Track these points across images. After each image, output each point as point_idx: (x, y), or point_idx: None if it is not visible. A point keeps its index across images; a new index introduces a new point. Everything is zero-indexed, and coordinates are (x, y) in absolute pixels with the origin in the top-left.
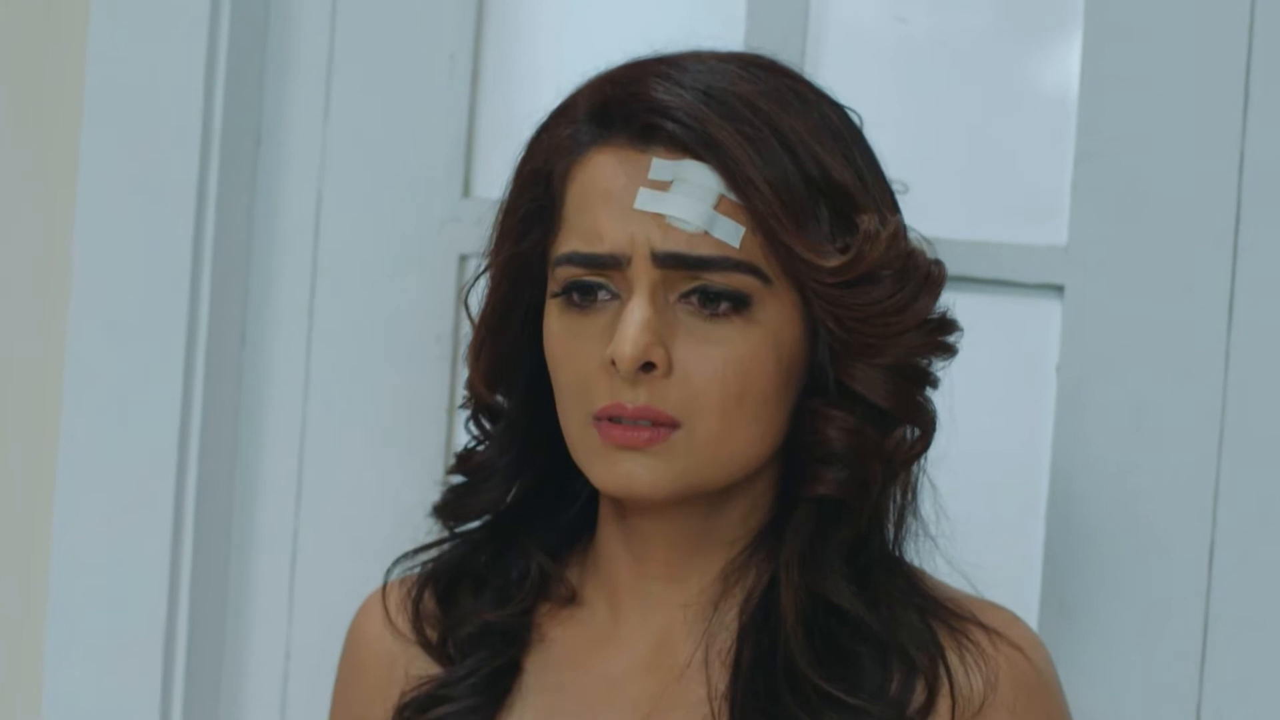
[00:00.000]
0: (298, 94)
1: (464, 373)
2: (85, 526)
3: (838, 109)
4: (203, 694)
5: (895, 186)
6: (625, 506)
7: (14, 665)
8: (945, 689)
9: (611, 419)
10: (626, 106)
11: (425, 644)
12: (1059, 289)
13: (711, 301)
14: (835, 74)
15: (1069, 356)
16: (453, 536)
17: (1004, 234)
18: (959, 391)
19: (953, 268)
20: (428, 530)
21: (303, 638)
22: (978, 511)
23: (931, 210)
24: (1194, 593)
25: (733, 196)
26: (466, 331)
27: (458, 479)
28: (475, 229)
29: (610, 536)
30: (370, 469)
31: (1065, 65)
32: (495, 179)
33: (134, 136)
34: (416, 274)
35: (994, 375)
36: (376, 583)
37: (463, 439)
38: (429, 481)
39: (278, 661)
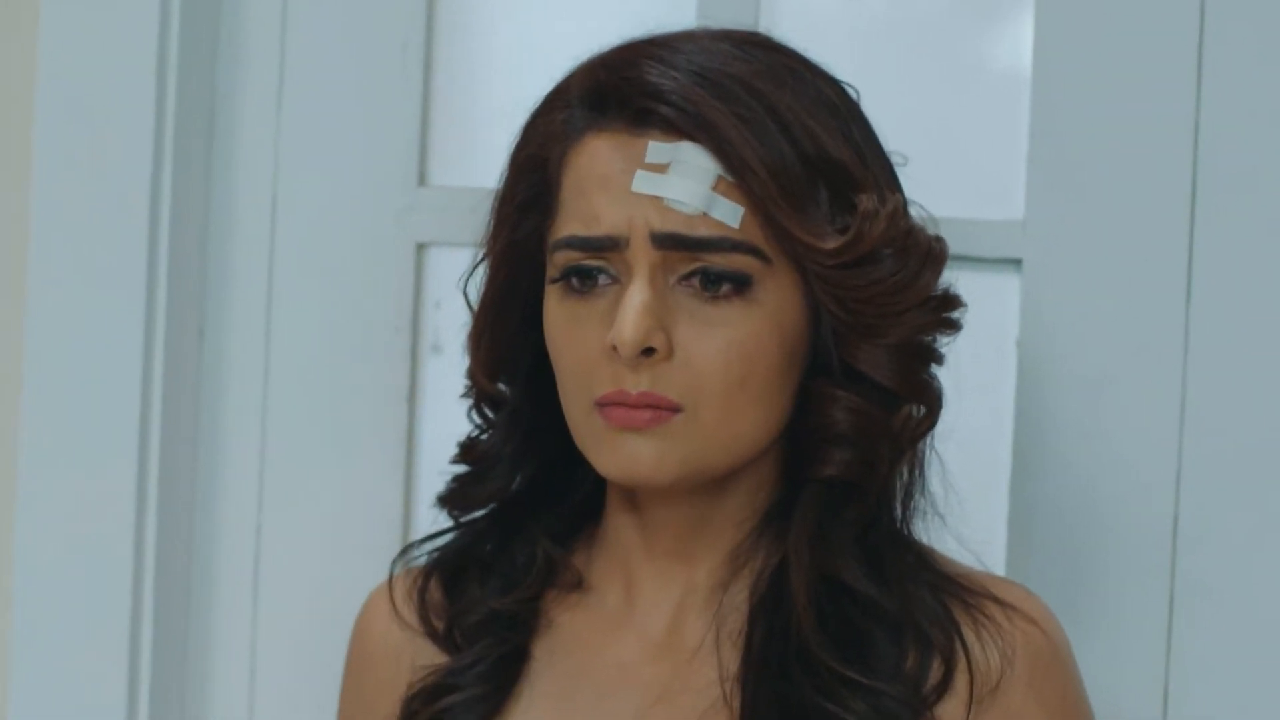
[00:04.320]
0: (250, 86)
1: (424, 362)
2: (46, 524)
3: (834, 85)
4: (168, 691)
5: (894, 158)
6: (631, 491)
7: None
8: (962, 665)
9: (614, 405)
10: (620, 91)
11: (432, 634)
12: (1017, 263)
13: (712, 283)
14: None
15: (1029, 330)
16: (457, 526)
17: (961, 210)
18: None
19: None
20: (392, 516)
21: (268, 632)
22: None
23: None
24: (1159, 566)
25: (730, 178)
26: (425, 319)
27: (461, 469)
28: (432, 218)
29: (617, 522)
30: (331, 460)
31: (1018, 40)
32: (451, 167)
33: (87, 131)
34: (374, 264)
35: (954, 350)
36: (341, 575)
37: (425, 428)
38: (390, 470)
39: (243, 657)
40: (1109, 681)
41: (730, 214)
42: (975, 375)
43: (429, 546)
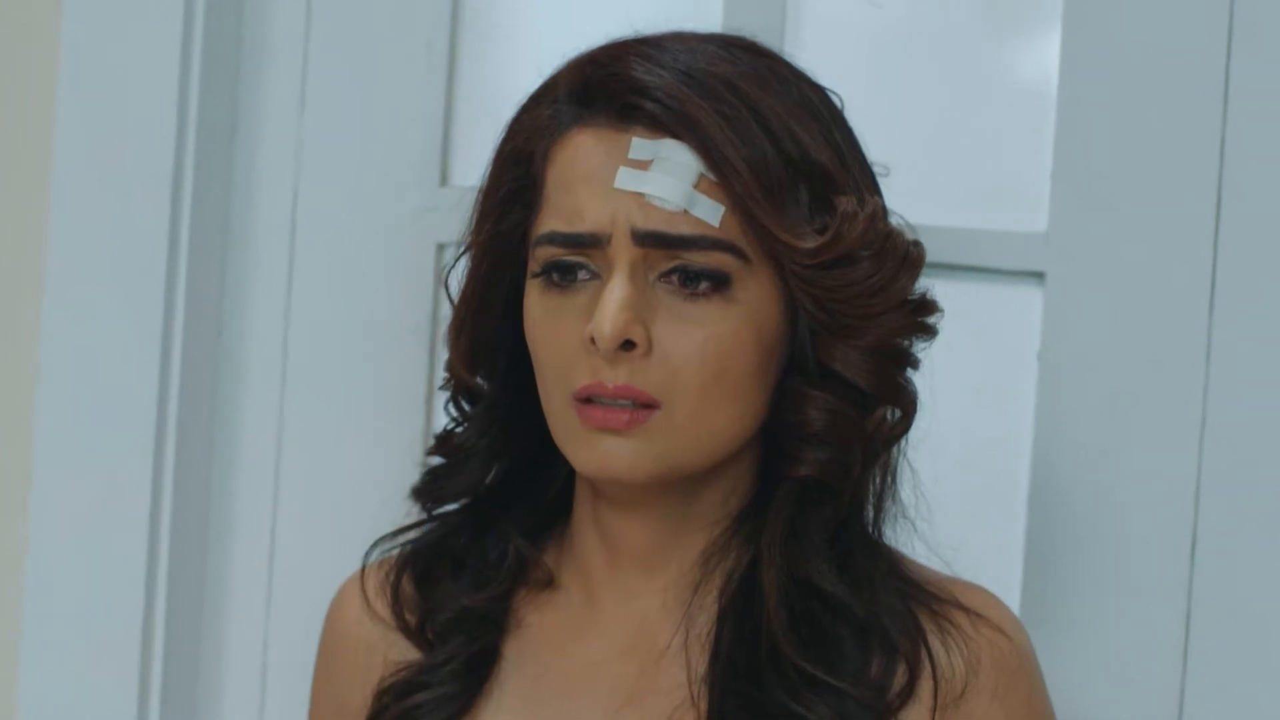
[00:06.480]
0: (273, 84)
1: (441, 361)
2: (61, 520)
3: (817, 90)
4: (180, 687)
5: (877, 169)
6: (602, 490)
7: None
8: (927, 672)
9: (592, 398)
10: (607, 86)
11: (404, 629)
12: (1039, 276)
13: (691, 281)
14: (812, 60)
15: (1050, 343)
16: (431, 519)
17: (984, 221)
18: (940, 379)
19: (933, 254)
20: (406, 517)
21: (281, 629)
22: (960, 498)
23: (911, 197)
24: (1176, 580)
25: (712, 176)
26: (444, 319)
27: (436, 461)
28: (452, 217)
29: (585, 520)
30: (348, 459)
31: (1045, 51)
32: (472, 167)
33: (109, 128)
34: (393, 263)
35: (975, 362)
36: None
37: (441, 428)
38: (407, 471)
39: (256, 654)
40: (1124, 695)
41: (710, 212)
42: (996, 387)
43: (402, 539)
